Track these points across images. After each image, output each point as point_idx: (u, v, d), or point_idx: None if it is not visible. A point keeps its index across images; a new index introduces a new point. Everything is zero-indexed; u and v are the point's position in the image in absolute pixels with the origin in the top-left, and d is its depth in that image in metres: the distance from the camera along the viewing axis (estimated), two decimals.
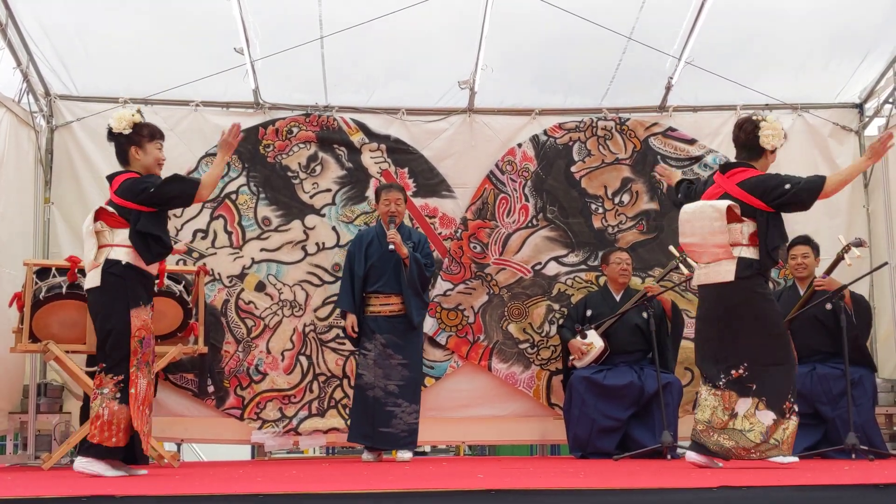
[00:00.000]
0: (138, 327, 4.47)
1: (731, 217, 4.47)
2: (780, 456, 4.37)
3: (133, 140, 4.63)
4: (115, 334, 4.45)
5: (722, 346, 4.50)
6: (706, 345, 4.59)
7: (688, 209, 4.62)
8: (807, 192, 4.46)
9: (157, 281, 4.96)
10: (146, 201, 4.50)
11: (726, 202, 4.47)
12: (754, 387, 4.40)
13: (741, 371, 4.42)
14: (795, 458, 4.44)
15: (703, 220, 4.51)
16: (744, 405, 4.40)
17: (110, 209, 4.57)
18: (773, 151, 4.63)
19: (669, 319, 6.39)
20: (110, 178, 4.70)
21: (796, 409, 4.43)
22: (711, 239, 4.49)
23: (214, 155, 6.80)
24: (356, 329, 6.18)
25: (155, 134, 4.69)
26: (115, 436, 4.39)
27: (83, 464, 4.39)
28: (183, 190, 4.56)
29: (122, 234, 4.53)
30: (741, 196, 4.49)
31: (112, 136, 4.68)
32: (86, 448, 4.43)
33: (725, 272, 4.47)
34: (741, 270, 4.45)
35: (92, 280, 4.55)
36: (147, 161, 4.65)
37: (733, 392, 4.42)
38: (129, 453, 4.86)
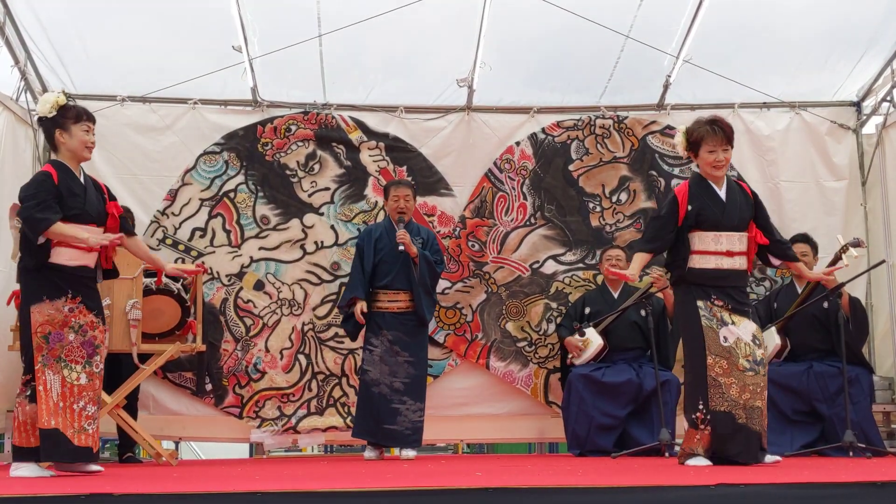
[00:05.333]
0: (40, 323, 4.30)
1: None
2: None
3: (58, 123, 4.43)
4: (22, 334, 4.40)
5: None
6: None
7: None
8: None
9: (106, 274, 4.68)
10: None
11: None
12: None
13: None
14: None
15: None
16: None
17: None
18: (695, 155, 4.81)
19: (670, 316, 6.38)
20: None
21: (698, 419, 4.57)
22: None
23: (212, 153, 6.88)
24: (365, 311, 6.07)
25: (81, 115, 4.47)
26: (31, 436, 4.29)
27: (14, 470, 4.32)
28: (32, 231, 4.32)
29: None
30: None
31: (39, 121, 4.54)
32: (17, 452, 4.34)
33: None
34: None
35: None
36: (73, 144, 4.44)
37: None
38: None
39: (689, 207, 4.65)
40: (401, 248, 5.96)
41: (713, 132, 4.69)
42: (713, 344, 4.56)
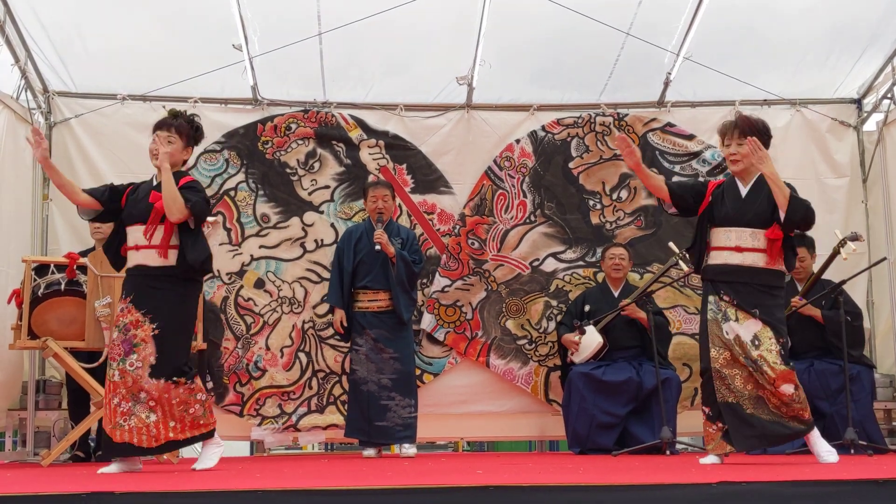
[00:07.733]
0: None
1: None
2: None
3: None
4: None
5: None
6: None
7: None
8: None
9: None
10: None
11: None
12: None
13: None
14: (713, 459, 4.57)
15: None
16: None
17: None
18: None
19: (650, 332, 6.13)
20: None
21: (709, 414, 4.63)
22: None
23: (212, 151, 6.88)
24: (345, 324, 6.21)
25: (155, 127, 4.79)
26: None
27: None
28: None
29: None
30: None
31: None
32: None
33: None
34: None
35: None
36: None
37: None
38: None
39: (710, 200, 4.67)
40: (377, 247, 6.01)
41: (726, 126, 4.70)
42: (716, 336, 4.58)
